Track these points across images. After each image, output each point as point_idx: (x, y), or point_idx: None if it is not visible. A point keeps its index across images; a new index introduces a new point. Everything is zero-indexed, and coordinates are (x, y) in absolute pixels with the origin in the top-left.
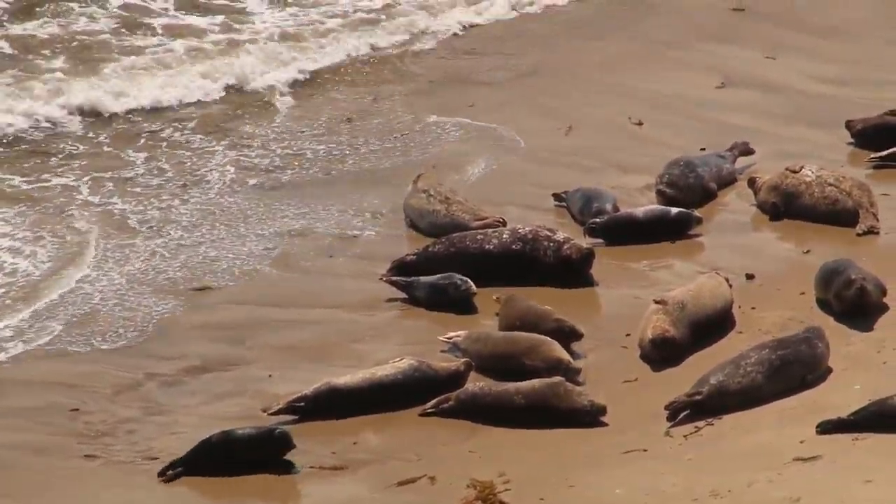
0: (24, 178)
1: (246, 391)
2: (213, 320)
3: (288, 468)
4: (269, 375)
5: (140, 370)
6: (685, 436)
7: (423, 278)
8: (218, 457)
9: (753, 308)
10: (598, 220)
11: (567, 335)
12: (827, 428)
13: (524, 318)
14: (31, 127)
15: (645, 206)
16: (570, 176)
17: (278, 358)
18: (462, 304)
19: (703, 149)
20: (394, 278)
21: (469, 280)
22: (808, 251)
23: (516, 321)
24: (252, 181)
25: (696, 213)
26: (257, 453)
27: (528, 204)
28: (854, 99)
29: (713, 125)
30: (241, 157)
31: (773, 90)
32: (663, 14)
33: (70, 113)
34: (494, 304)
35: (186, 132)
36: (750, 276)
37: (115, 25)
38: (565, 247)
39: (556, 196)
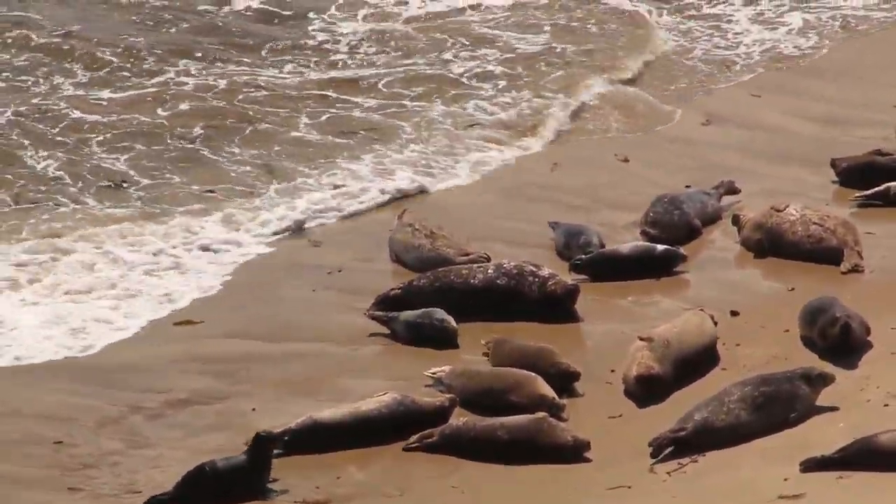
0: None
1: (230, 425)
2: (197, 353)
3: (272, 498)
4: (253, 409)
5: (124, 403)
6: (669, 472)
7: (403, 314)
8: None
9: (738, 345)
10: (583, 256)
11: (568, 377)
12: (811, 465)
13: (520, 362)
14: None
15: (630, 242)
16: (555, 213)
17: (263, 392)
18: (441, 341)
19: (689, 186)
20: (376, 313)
21: (448, 317)
22: (792, 289)
23: (511, 364)
24: None
25: (682, 250)
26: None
27: (513, 240)
28: (839, 138)
29: (699, 163)
30: None
31: (758, 128)
32: None
33: None
34: (478, 338)
35: None
36: (734, 313)
37: None
38: (550, 282)
39: (552, 225)
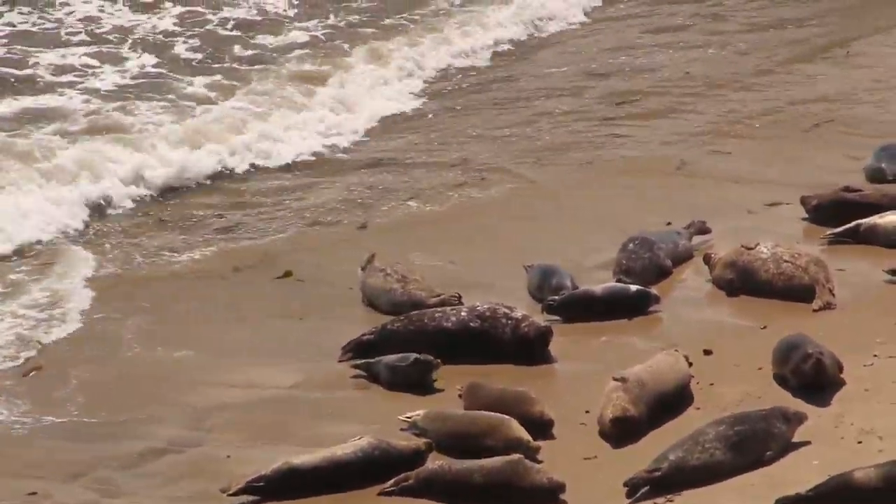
0: None
1: (204, 472)
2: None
3: None
4: (228, 456)
5: (98, 452)
6: None
7: (384, 358)
8: None
9: (711, 384)
10: (556, 297)
11: (542, 427)
12: (786, 503)
13: (495, 407)
14: None
15: (603, 283)
16: (530, 252)
17: (237, 438)
18: (422, 382)
19: (669, 223)
20: (357, 362)
21: (430, 357)
22: (764, 327)
23: (485, 408)
24: None
25: (654, 290)
26: None
27: (486, 282)
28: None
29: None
30: None
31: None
32: None
33: None
34: (452, 381)
35: None
36: (707, 352)
37: None
38: (523, 324)
39: (526, 267)
